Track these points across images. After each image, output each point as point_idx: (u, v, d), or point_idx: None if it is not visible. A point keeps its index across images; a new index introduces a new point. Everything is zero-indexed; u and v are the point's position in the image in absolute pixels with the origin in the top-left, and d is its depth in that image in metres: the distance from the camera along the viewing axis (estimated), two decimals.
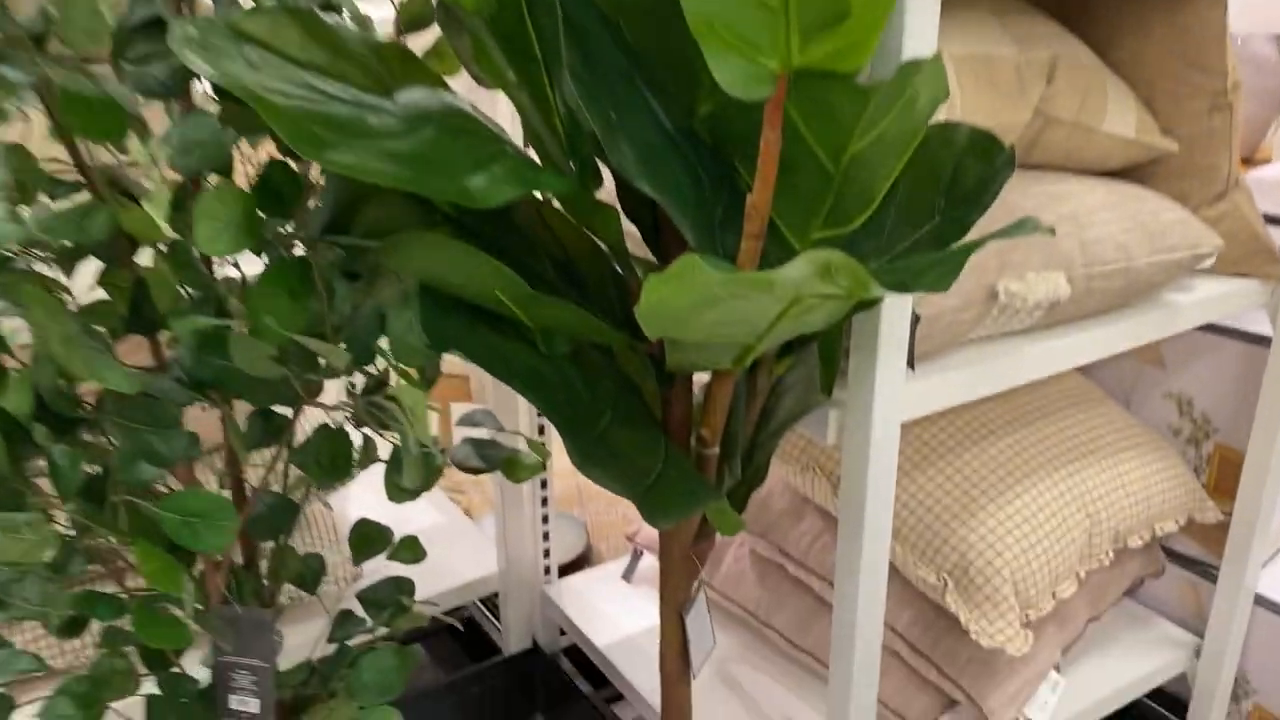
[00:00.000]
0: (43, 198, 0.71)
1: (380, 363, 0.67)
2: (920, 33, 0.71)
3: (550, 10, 0.56)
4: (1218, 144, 1.04)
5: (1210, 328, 1.27)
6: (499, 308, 0.58)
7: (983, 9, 0.92)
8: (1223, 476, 1.29)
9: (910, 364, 0.86)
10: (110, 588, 0.74)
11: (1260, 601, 1.28)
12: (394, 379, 0.66)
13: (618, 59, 0.60)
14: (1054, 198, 0.96)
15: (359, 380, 0.69)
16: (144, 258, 0.72)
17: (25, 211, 0.67)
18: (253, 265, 0.68)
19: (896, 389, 0.83)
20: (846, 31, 0.51)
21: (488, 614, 1.69)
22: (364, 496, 1.67)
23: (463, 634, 1.78)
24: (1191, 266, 1.03)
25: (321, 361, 0.65)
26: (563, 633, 1.55)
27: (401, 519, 1.69)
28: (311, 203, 0.62)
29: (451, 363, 1.85)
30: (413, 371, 0.63)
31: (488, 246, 0.63)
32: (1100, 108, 0.97)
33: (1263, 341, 1.22)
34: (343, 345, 0.62)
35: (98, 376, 0.53)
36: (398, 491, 0.82)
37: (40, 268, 0.68)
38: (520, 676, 1.56)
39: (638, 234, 0.74)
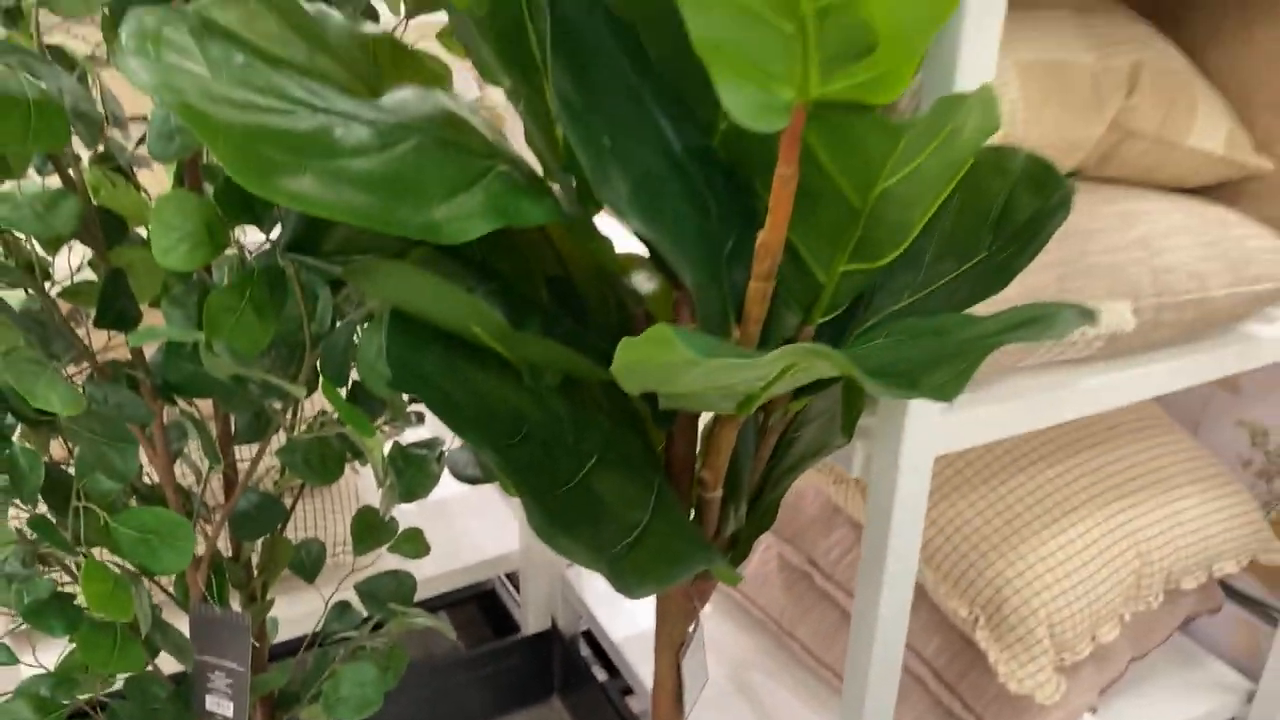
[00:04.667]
0: (33, 174, 0.67)
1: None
2: (978, 48, 0.64)
3: (536, 7, 0.50)
4: None
5: None
6: (476, 341, 0.53)
7: (1065, 7, 0.83)
8: None
9: None
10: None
11: None
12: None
13: (624, 69, 0.54)
14: (1125, 219, 0.87)
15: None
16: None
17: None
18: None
19: (930, 421, 0.76)
20: (874, 64, 0.44)
21: (511, 590, 1.66)
22: None
23: (485, 605, 1.76)
24: (1278, 299, 0.94)
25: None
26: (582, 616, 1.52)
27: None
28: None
29: None
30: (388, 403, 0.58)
31: (472, 266, 0.58)
32: (1187, 120, 0.88)
33: None
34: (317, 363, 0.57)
35: (34, 398, 0.49)
36: (397, 494, 0.78)
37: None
38: (536, 657, 1.54)
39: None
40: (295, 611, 1.27)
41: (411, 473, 0.78)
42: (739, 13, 0.43)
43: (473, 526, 1.55)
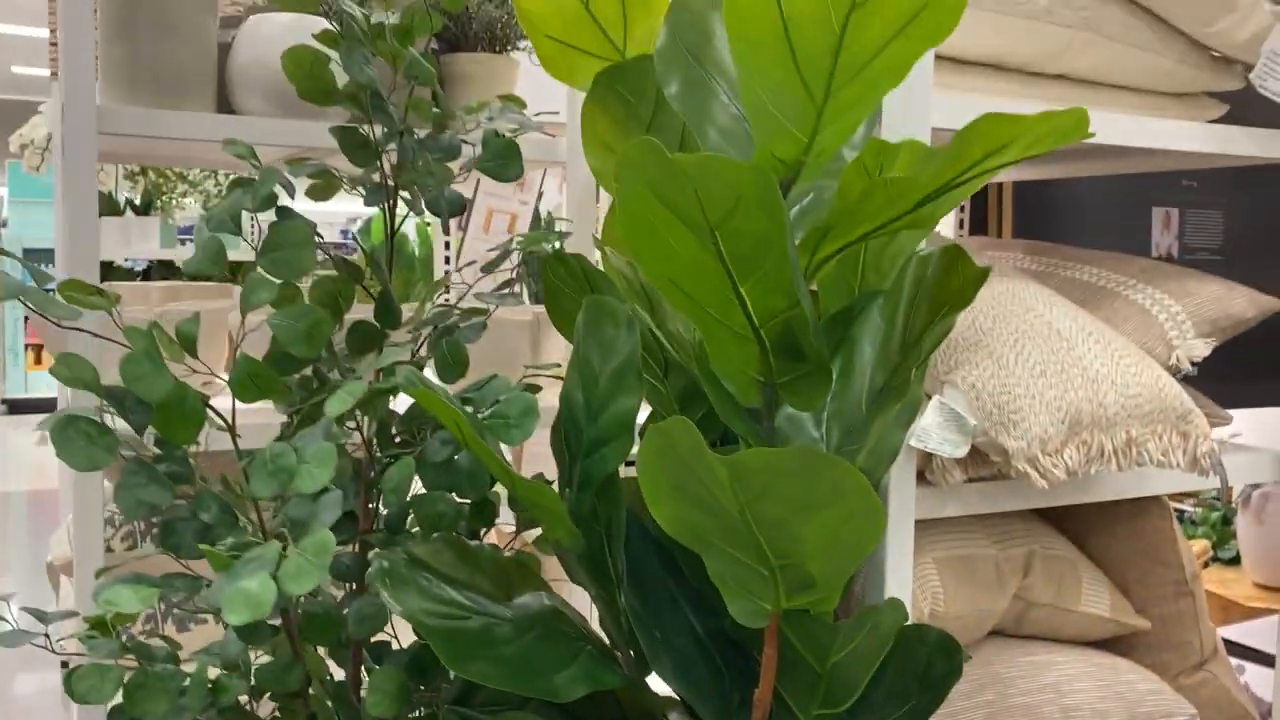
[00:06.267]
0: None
1: None
2: (898, 560, 0.96)
3: (616, 551, 0.82)
4: (1187, 623, 1.24)
5: None
6: None
7: (972, 517, 1.17)
8: None
9: None
10: None
11: None
12: None
13: (666, 581, 0.86)
14: (1037, 667, 1.15)
15: None
16: None
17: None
18: None
19: None
20: (815, 593, 0.76)
21: None
22: None
23: None
24: None
25: None
26: None
27: None
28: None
29: None
30: None
31: (560, 710, 0.86)
32: (1075, 591, 1.19)
33: None
34: None
35: None
36: None
37: None
38: None
39: None
40: None
41: None
42: (734, 562, 0.76)
43: None
